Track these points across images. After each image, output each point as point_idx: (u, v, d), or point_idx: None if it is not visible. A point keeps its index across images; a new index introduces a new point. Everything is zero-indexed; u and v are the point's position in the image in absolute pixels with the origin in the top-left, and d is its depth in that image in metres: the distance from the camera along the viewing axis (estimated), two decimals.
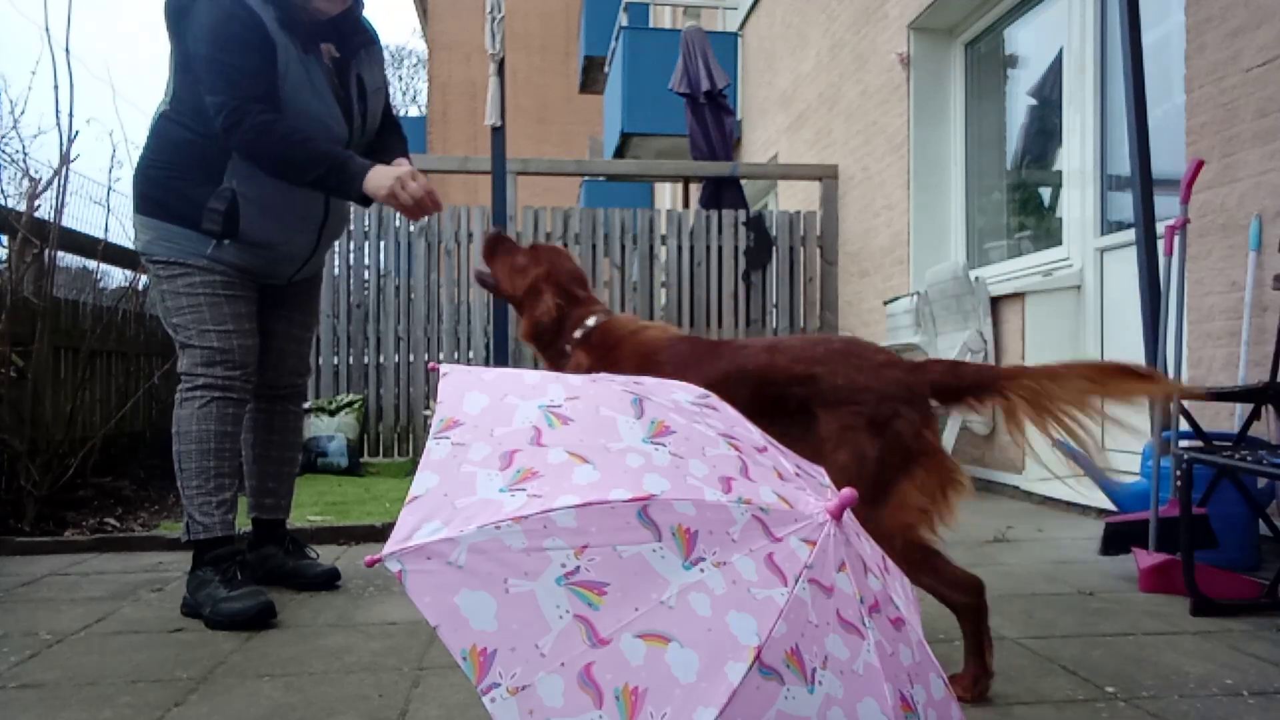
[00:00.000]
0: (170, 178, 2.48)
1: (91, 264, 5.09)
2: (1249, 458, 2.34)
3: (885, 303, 5.98)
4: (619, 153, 10.94)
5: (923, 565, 1.78)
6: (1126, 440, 4.13)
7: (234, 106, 2.33)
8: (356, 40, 2.61)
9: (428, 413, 6.04)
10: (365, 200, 2.43)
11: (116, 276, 5.65)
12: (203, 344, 2.50)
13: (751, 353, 1.97)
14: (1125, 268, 4.14)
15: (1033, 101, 5.31)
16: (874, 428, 1.79)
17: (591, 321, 2.22)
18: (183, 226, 2.47)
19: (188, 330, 2.51)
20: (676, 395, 1.28)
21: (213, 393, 2.50)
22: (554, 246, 2.42)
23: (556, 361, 2.26)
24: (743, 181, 7.39)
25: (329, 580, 2.79)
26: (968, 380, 1.88)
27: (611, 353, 2.14)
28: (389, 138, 2.77)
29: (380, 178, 2.37)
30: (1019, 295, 4.61)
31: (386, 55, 2.84)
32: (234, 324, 2.53)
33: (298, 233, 2.61)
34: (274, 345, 2.77)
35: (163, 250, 2.50)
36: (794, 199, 8.31)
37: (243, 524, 2.72)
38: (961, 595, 1.82)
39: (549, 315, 2.22)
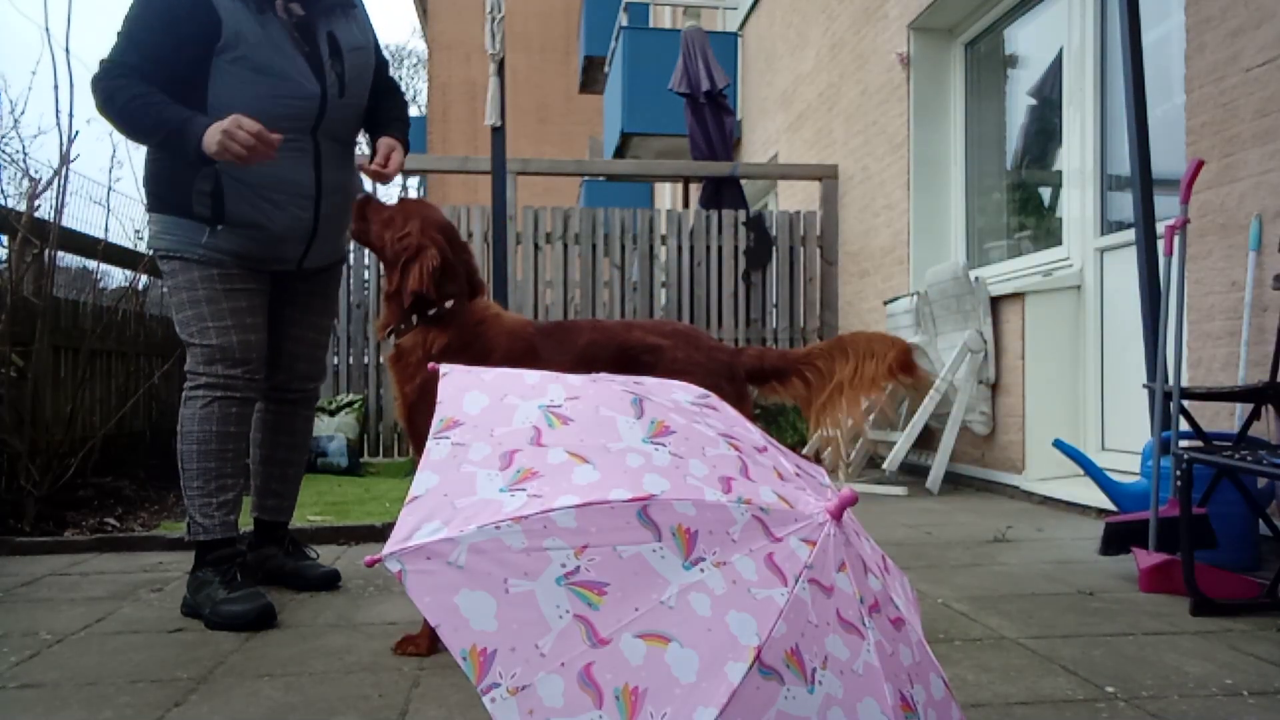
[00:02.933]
0: (162, 167, 2.48)
1: (91, 264, 5.08)
2: (1249, 458, 2.33)
3: (885, 303, 5.98)
4: (619, 153, 10.93)
5: None
6: (1126, 440, 4.14)
7: (98, 74, 2.33)
8: (329, 1, 2.55)
9: None
10: (208, 160, 2.32)
11: (116, 276, 5.64)
12: (203, 341, 2.48)
13: (612, 327, 2.31)
14: (1125, 268, 4.14)
15: (1033, 101, 5.31)
16: None
17: (450, 304, 2.30)
18: (178, 216, 2.45)
19: (189, 328, 2.49)
20: (676, 395, 1.27)
21: (214, 392, 2.48)
22: (420, 199, 2.48)
23: (403, 322, 2.29)
24: (743, 181, 7.39)
25: (329, 582, 2.77)
26: (770, 365, 2.27)
27: (478, 329, 2.27)
28: (385, 101, 2.72)
29: (209, 136, 2.27)
30: (1019, 295, 4.61)
31: (386, 55, 2.80)
32: (233, 319, 2.49)
33: (290, 209, 2.52)
34: (285, 347, 2.72)
35: (164, 243, 2.49)
36: (794, 199, 8.31)
37: (245, 523, 2.72)
38: None
39: (435, 262, 2.25)
